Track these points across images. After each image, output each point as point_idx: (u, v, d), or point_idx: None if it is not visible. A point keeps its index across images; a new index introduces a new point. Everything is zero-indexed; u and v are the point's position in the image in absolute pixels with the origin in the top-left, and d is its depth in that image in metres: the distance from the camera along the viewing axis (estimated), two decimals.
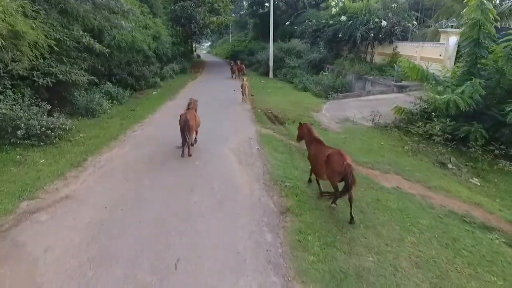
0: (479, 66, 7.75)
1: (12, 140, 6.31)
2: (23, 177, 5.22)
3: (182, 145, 6.42)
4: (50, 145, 6.66)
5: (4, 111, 6.30)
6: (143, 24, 14.73)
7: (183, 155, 6.40)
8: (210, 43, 63.89)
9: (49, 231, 3.91)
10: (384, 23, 15.28)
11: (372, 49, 16.82)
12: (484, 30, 7.21)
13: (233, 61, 21.70)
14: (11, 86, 7.13)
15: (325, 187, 4.84)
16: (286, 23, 29.35)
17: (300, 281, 3.16)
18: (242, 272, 3.26)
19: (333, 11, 18.54)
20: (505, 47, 6.99)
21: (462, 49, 8.11)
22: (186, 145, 6.38)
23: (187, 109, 6.82)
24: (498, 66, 7.26)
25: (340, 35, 17.17)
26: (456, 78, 8.30)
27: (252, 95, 13.66)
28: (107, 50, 9.77)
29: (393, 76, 13.30)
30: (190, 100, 7.23)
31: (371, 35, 15.74)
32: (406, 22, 15.54)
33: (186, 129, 6.15)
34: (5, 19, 5.85)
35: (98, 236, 3.85)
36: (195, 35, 26.73)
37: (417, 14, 17.25)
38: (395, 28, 15.19)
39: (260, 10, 35.21)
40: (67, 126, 7.19)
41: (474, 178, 6.25)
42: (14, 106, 6.60)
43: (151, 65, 15.23)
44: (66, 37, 8.28)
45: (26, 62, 6.73)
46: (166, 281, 3.15)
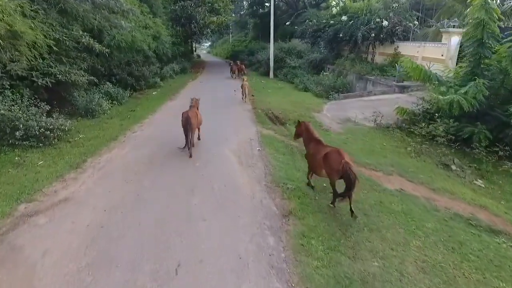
0: (483, 66, 7.66)
1: (11, 141, 6.26)
2: (21, 179, 5.15)
3: (186, 143, 6.47)
4: (49, 146, 6.60)
5: (3, 112, 6.24)
6: (143, 24, 14.66)
7: (193, 145, 6.59)
8: (210, 43, 63.81)
9: (48, 235, 3.84)
10: (386, 23, 15.19)
11: (373, 49, 16.74)
12: (488, 30, 7.13)
13: (233, 61, 21.63)
14: (10, 87, 7.08)
15: (324, 187, 4.76)
16: (287, 23, 29.24)
17: (304, 287, 3.08)
18: (245, 278, 3.18)
19: (334, 11, 18.47)
20: (509, 47, 6.90)
21: (465, 49, 8.02)
22: (190, 143, 6.44)
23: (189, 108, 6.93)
24: (502, 67, 7.18)
25: (341, 35, 17.08)
26: (459, 79, 8.22)
27: (253, 95, 13.59)
28: (107, 50, 9.73)
29: (395, 76, 13.22)
30: (192, 99, 7.33)
31: (372, 35, 15.65)
32: (408, 22, 15.45)
33: (188, 127, 6.27)
34: (3, 19, 5.79)
35: (97, 239, 3.78)
36: (195, 35, 26.71)
37: (418, 14, 17.17)
38: (397, 28, 15.10)
39: (260, 10, 35.12)
40: (66, 127, 7.14)
41: (479, 180, 6.18)
42: (13, 107, 6.54)
43: (151, 65, 15.18)
44: (66, 37, 8.24)
45: (25, 62, 6.68)
46: (167, 287, 3.08)
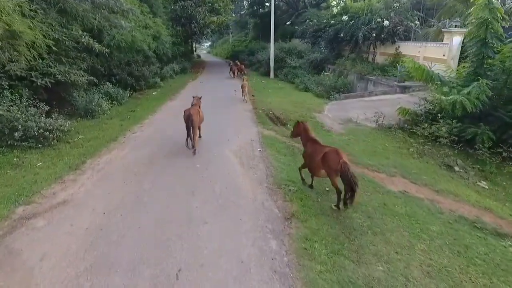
0: (486, 67, 7.59)
1: (9, 142, 6.20)
2: (20, 181, 5.09)
3: (187, 139, 6.65)
4: (48, 147, 6.54)
5: (1, 113, 6.18)
6: (143, 24, 14.59)
7: (194, 150, 6.64)
8: (210, 43, 63.73)
9: (46, 238, 3.77)
10: (387, 23, 15.13)
11: (374, 49, 16.67)
12: (492, 30, 7.06)
13: (233, 61, 21.58)
14: (9, 87, 7.02)
15: (326, 190, 4.69)
16: (287, 23, 29.17)
17: None
18: (247, 283, 3.11)
19: (335, 11, 18.41)
20: None
21: (468, 49, 7.94)
22: (189, 139, 6.65)
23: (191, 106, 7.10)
24: (506, 67, 7.11)
25: (342, 35, 17.03)
26: (462, 79, 8.15)
27: (253, 96, 13.53)
28: (107, 50, 9.67)
29: (396, 77, 13.16)
30: (194, 97, 7.49)
31: (373, 35, 15.58)
32: (409, 22, 15.39)
33: (190, 124, 6.43)
34: (2, 19, 5.73)
35: (97, 243, 3.71)
36: (195, 35, 26.64)
37: (419, 14, 17.11)
38: (398, 28, 15.04)
39: (261, 10, 35.05)
40: (66, 128, 7.07)
41: (482, 181, 6.11)
42: (12, 107, 6.49)
43: (151, 65, 15.12)
44: (65, 37, 8.18)
45: (24, 63, 6.61)
46: None
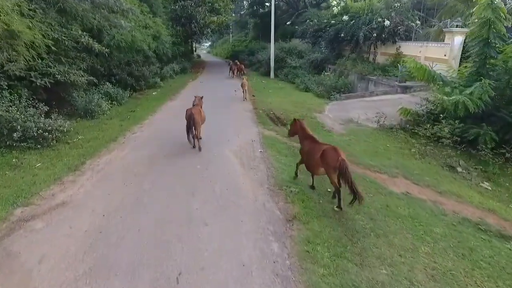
0: (488, 67, 7.53)
1: (8, 143, 6.15)
2: (19, 182, 5.03)
3: (187, 137, 6.74)
4: (47, 148, 6.49)
5: (0, 113, 6.13)
6: (143, 24, 14.55)
7: (195, 147, 6.82)
8: (210, 43, 63.67)
9: (44, 240, 3.72)
10: (387, 23, 15.07)
11: (375, 49, 16.61)
12: (494, 29, 7.01)
13: (232, 61, 21.57)
14: (8, 87, 6.97)
15: (328, 191, 4.63)
16: (287, 23, 29.14)
17: None
18: (249, 286, 3.06)
19: (335, 11, 18.37)
20: None
21: (470, 49, 7.89)
22: (192, 137, 6.75)
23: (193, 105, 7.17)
24: (508, 67, 7.06)
25: (342, 35, 16.98)
26: (464, 79, 8.10)
27: (254, 96, 13.48)
28: (107, 50, 9.63)
29: (397, 77, 13.10)
30: (196, 97, 7.53)
31: (374, 35, 15.53)
32: (410, 22, 15.34)
33: (192, 123, 6.49)
34: (0, 18, 5.67)
35: (96, 245, 3.65)
36: (196, 35, 26.58)
37: (420, 14, 17.06)
38: (399, 28, 15.00)
39: (261, 10, 35.01)
40: (65, 128, 7.02)
41: (485, 182, 6.06)
42: (11, 108, 6.43)
43: (151, 65, 15.07)
44: (65, 37, 8.13)
45: (22, 62, 6.56)
46: None
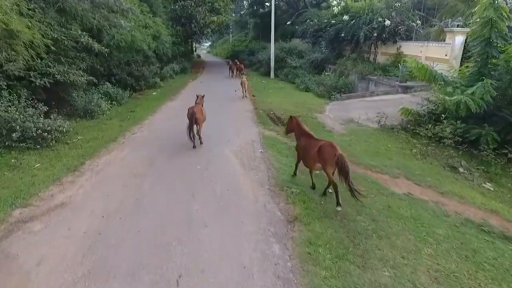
0: (490, 66, 7.48)
1: (7, 143, 6.11)
2: (17, 183, 5.00)
3: (188, 136, 6.79)
4: (47, 148, 6.45)
5: None
6: (143, 24, 14.50)
7: (195, 147, 6.89)
8: (210, 43, 63.60)
9: (43, 242, 3.68)
10: (388, 23, 15.03)
11: (375, 49, 16.56)
12: (496, 29, 6.96)
13: (232, 61, 21.58)
14: (7, 87, 6.92)
15: (329, 192, 4.59)
16: (287, 23, 29.11)
17: None
18: None
19: (335, 10, 18.33)
20: None
21: (472, 49, 7.84)
22: (192, 137, 6.81)
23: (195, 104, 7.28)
24: (510, 67, 7.01)
25: (343, 35, 16.94)
26: (465, 79, 8.06)
27: (254, 96, 13.43)
28: (106, 50, 9.59)
29: (397, 77, 13.06)
30: (198, 96, 7.66)
31: (375, 35, 15.48)
32: (410, 22, 15.29)
33: (194, 121, 6.63)
34: None
35: (95, 247, 3.61)
36: (196, 35, 26.52)
37: (420, 13, 17.02)
38: (399, 28, 14.94)
39: (261, 10, 34.97)
40: (65, 128, 6.98)
41: (487, 183, 6.01)
42: (10, 108, 6.40)
43: (151, 65, 15.02)
44: (64, 37, 8.08)
45: (21, 62, 6.52)
46: None
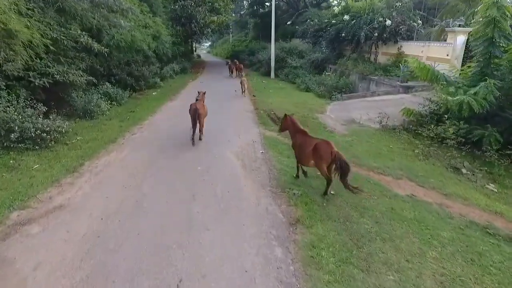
0: (493, 66, 7.41)
1: (5, 144, 6.05)
2: (15, 184, 4.93)
3: (192, 134, 6.96)
4: (45, 149, 6.38)
5: None
6: (143, 24, 14.43)
7: (194, 144, 7.01)
8: (210, 43, 63.52)
9: (41, 245, 3.61)
10: (389, 22, 14.96)
11: (376, 49, 16.49)
12: (499, 28, 6.88)
13: (231, 60, 21.55)
14: (6, 87, 6.85)
15: (332, 194, 4.54)
16: (287, 23, 29.05)
17: None
18: None
19: (336, 10, 18.26)
20: None
21: (474, 48, 7.77)
22: (195, 134, 7.00)
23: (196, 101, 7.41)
24: None
25: (343, 35, 16.85)
26: (468, 79, 7.99)
27: (254, 96, 13.37)
28: (106, 50, 9.52)
29: (399, 77, 12.99)
30: (199, 92, 7.74)
31: (375, 35, 15.41)
32: (411, 21, 15.23)
33: (196, 117, 6.80)
34: None
35: (93, 251, 3.55)
36: (196, 35, 26.44)
37: (421, 13, 16.97)
38: (400, 28, 14.87)
39: (261, 10, 34.90)
40: (64, 129, 6.91)
41: (491, 184, 5.95)
42: (8, 108, 6.33)
43: (151, 65, 14.95)
44: (64, 37, 8.01)
45: (20, 62, 6.44)
46: None
